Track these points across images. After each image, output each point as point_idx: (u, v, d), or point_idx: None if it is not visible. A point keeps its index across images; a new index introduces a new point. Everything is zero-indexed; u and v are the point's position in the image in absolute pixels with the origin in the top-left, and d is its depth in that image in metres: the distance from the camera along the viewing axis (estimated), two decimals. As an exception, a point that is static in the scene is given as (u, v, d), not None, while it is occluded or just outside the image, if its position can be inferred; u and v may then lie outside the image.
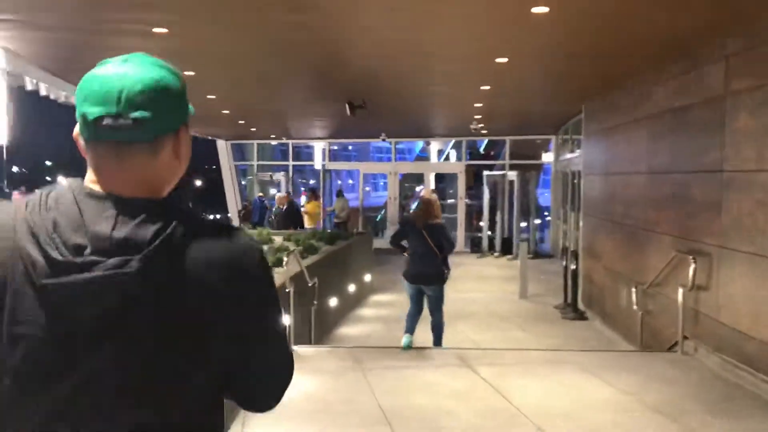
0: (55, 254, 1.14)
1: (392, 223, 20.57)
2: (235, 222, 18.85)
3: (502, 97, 11.03)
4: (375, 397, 5.23)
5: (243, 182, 22.58)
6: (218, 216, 20.86)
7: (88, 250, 1.14)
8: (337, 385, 5.68)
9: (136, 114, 1.19)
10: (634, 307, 7.90)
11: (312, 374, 5.95)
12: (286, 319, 6.68)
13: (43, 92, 9.94)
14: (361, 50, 7.78)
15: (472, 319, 10.42)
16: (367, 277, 12.54)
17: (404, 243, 7.29)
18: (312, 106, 12.77)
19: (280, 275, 6.90)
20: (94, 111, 1.20)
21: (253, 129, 17.41)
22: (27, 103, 11.70)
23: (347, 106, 10.72)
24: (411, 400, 5.22)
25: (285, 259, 8.76)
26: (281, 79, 9.52)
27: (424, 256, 6.94)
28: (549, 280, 14.36)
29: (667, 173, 7.50)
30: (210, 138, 21.13)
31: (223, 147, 21.27)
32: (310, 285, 7.60)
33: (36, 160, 50.33)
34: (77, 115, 1.23)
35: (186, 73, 6.27)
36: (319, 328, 8.53)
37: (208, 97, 10.54)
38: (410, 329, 7.07)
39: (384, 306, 11.73)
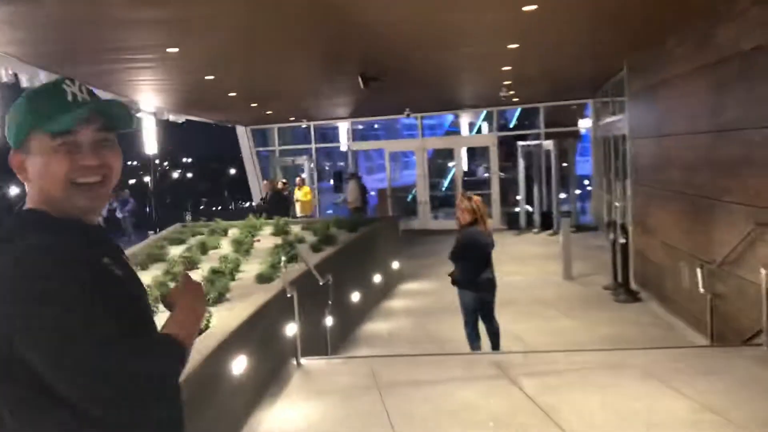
0: None
1: (422, 203, 19.48)
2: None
3: (532, 56, 9.79)
4: (393, 429, 4.21)
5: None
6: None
7: None
8: (347, 410, 4.67)
9: None
10: (701, 289, 6.72)
11: (318, 397, 4.95)
12: (291, 329, 5.71)
13: (24, 83, 9.08)
14: (369, 10, 6.68)
15: (511, 307, 9.30)
16: (395, 265, 11.51)
17: None
18: (323, 83, 11.67)
19: (281, 278, 5.90)
20: None
21: (268, 112, 16.42)
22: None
23: (360, 78, 9.62)
24: (437, 432, 4.19)
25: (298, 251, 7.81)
26: (281, 52, 8.47)
27: (489, 261, 6.51)
28: (594, 256, 13.15)
29: (738, 130, 6.26)
30: (230, 125, 20.28)
31: (243, 133, 20.39)
32: (321, 284, 6.59)
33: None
34: None
35: (169, 50, 5.32)
36: (339, 330, 7.54)
37: (206, 78, 9.53)
38: (478, 343, 6.64)
39: (414, 295, 10.70)
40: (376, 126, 28.36)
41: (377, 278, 10.05)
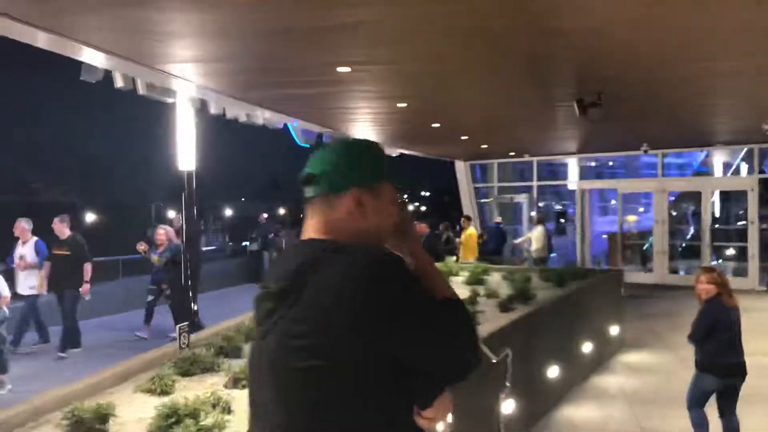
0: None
1: (659, 253, 16.86)
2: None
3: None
4: None
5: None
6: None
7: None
8: None
9: (310, 171, 1.64)
10: None
11: None
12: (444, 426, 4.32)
13: (229, 114, 8.85)
14: (581, 13, 5.19)
15: (769, 405, 7.00)
16: (614, 330, 9.52)
17: None
18: (535, 112, 10.13)
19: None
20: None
21: (484, 146, 15.17)
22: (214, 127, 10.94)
23: (576, 105, 8.01)
24: None
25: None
26: (483, 74, 7.22)
27: (739, 342, 5.66)
28: None
29: None
30: (448, 160, 19.45)
31: (461, 168, 19.43)
32: (495, 361, 5.11)
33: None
34: None
35: (340, 69, 4.26)
36: (524, 415, 5.95)
37: (399, 105, 8.56)
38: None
39: (634, 371, 8.65)
40: (611, 163, 25.81)
41: (587, 347, 8.22)
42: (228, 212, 50.61)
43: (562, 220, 25.66)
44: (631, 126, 12.43)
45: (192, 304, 9.56)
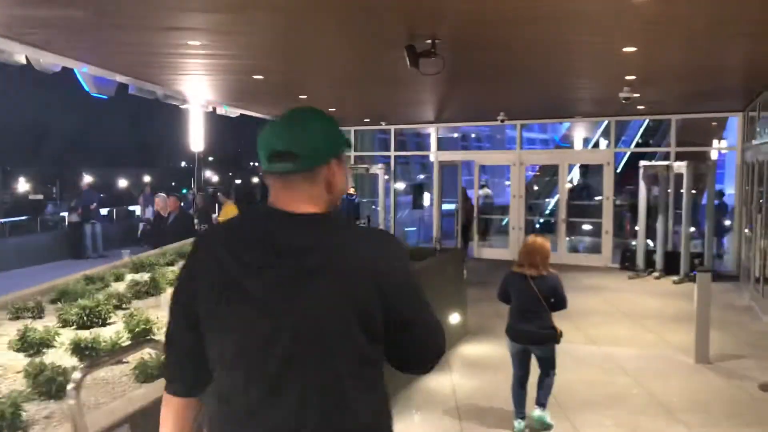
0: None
1: (514, 228, 16.19)
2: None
3: (667, 29, 6.44)
4: None
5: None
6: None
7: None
8: None
9: (287, 149, 1.68)
10: None
11: None
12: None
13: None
14: None
15: (613, 412, 6.07)
16: (454, 318, 8.41)
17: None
18: (372, 61, 8.66)
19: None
20: (265, 152, 1.71)
21: (332, 109, 13.69)
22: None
23: (406, 53, 6.63)
24: None
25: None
26: (304, 16, 5.67)
27: (533, 311, 5.58)
28: (738, 325, 9.50)
29: None
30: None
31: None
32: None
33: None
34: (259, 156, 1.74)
35: None
36: None
37: (191, 43, 6.83)
38: (521, 411, 5.64)
39: (474, 368, 7.54)
40: (474, 135, 25.21)
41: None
42: (87, 179, 46.46)
43: (427, 194, 24.84)
44: (489, 93, 11.41)
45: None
